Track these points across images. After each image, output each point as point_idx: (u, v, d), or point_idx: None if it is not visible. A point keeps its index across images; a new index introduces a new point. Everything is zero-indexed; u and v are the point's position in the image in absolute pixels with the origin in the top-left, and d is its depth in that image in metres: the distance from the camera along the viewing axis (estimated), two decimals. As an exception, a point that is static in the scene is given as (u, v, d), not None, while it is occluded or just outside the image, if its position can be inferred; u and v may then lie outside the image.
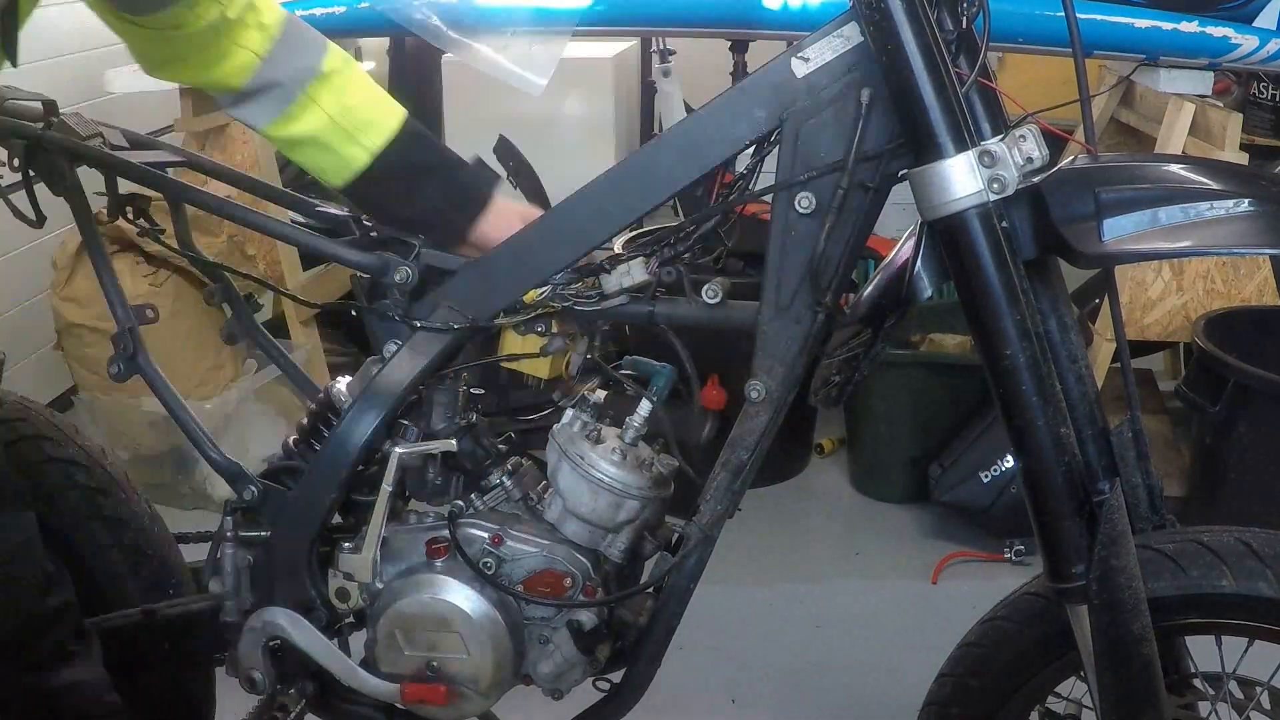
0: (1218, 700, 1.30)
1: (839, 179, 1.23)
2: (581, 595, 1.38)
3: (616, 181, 1.35)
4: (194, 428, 1.50)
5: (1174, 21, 2.58)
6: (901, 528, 2.95)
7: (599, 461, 1.36)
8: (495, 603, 1.39)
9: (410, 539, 1.42)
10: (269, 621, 1.44)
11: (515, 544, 1.39)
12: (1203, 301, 2.76)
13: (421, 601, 1.39)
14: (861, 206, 1.25)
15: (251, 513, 1.48)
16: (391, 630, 1.40)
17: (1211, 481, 2.66)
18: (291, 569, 1.45)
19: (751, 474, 1.36)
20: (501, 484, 1.43)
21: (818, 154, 1.25)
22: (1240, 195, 1.13)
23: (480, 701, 1.42)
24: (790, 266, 1.28)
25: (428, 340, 1.39)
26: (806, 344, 1.30)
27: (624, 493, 1.37)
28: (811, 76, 1.24)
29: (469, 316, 1.38)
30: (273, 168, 3.08)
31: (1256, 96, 3.59)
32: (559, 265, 1.36)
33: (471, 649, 1.39)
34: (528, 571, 1.38)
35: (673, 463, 1.42)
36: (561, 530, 1.40)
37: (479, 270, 1.40)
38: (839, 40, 1.23)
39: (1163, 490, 1.28)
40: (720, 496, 1.36)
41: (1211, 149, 2.61)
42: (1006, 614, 1.34)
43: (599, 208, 1.35)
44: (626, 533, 1.40)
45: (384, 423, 1.40)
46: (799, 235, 1.27)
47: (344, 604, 1.44)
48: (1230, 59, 2.60)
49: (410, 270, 1.40)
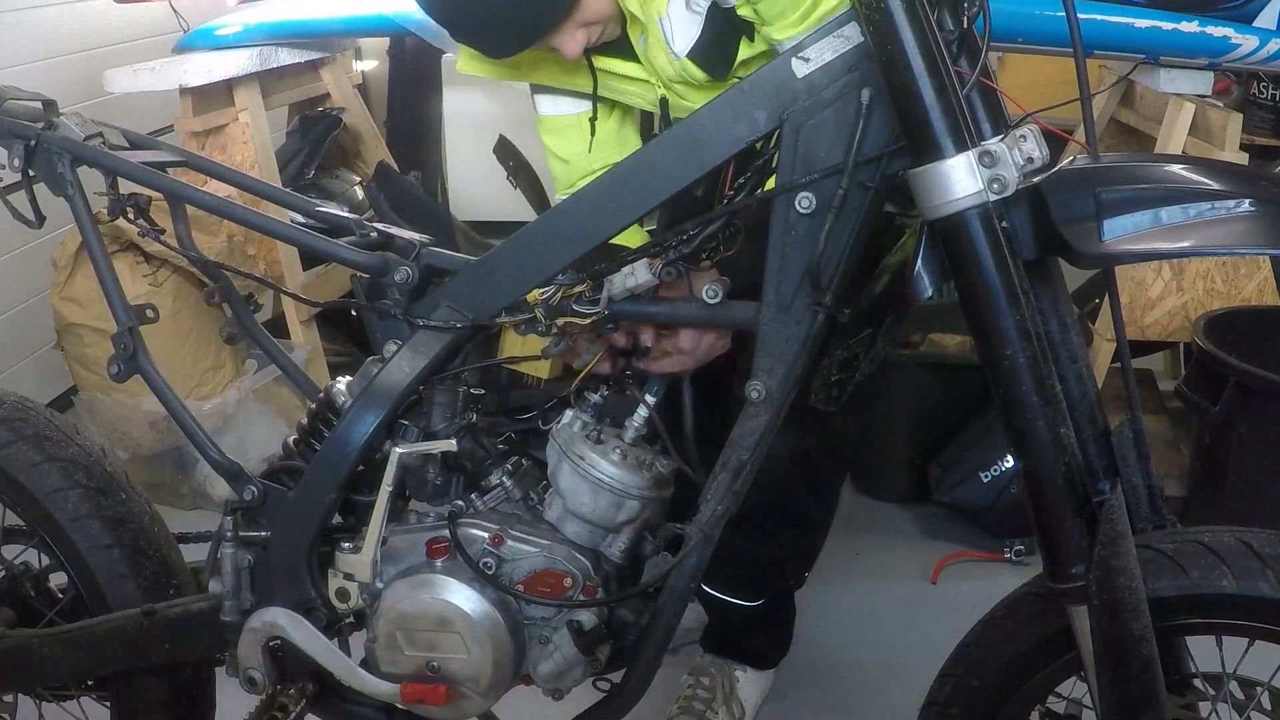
0: (1218, 700, 1.30)
1: (839, 179, 1.22)
2: (581, 595, 1.38)
3: (617, 181, 1.35)
4: (194, 428, 1.50)
5: (1174, 21, 2.57)
6: (901, 528, 2.94)
7: (599, 462, 1.36)
8: (495, 603, 1.38)
9: (410, 539, 1.42)
10: (269, 621, 1.44)
11: (515, 544, 1.39)
12: (1203, 301, 2.75)
13: (422, 601, 1.39)
14: (861, 206, 1.25)
15: (251, 513, 1.48)
16: (392, 630, 1.40)
17: (1211, 481, 2.66)
18: (291, 569, 1.45)
19: (752, 474, 1.36)
20: (502, 484, 1.43)
21: (818, 154, 1.24)
22: (1241, 195, 1.12)
23: (480, 701, 1.42)
24: (790, 266, 1.28)
25: (428, 340, 1.40)
26: (806, 344, 1.30)
27: (624, 493, 1.37)
28: (812, 76, 1.24)
29: (469, 315, 1.38)
30: (273, 168, 3.08)
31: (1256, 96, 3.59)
32: (560, 265, 1.36)
33: (471, 649, 1.39)
34: (528, 571, 1.38)
35: (672, 463, 1.42)
36: (562, 530, 1.40)
37: (480, 269, 1.40)
38: (839, 40, 1.23)
39: (1163, 490, 1.27)
40: (720, 496, 1.36)
41: (1211, 149, 2.61)
42: (1006, 614, 1.34)
43: (599, 207, 1.35)
44: (626, 533, 1.40)
45: (384, 423, 1.40)
46: (799, 235, 1.27)
47: (344, 604, 1.44)
48: (1230, 59, 2.60)
49: (411, 269, 1.40)
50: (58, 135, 1.50)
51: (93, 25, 3.30)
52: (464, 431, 1.43)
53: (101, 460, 1.64)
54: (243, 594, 1.46)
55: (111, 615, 1.56)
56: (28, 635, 1.61)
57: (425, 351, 1.39)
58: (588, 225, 1.35)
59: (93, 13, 3.31)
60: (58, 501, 1.58)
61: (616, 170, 1.36)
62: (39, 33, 3.15)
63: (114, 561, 1.59)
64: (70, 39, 3.23)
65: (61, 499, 1.58)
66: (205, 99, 2.98)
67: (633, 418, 1.40)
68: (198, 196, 1.49)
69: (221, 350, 2.95)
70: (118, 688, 1.64)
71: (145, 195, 1.57)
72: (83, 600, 1.62)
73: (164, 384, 1.49)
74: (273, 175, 3.07)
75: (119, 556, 1.60)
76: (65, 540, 1.59)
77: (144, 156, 1.53)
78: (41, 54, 3.15)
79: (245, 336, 1.61)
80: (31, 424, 1.61)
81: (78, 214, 1.51)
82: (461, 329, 1.39)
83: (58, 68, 3.18)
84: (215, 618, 1.48)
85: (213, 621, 1.49)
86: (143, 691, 1.63)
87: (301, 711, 1.47)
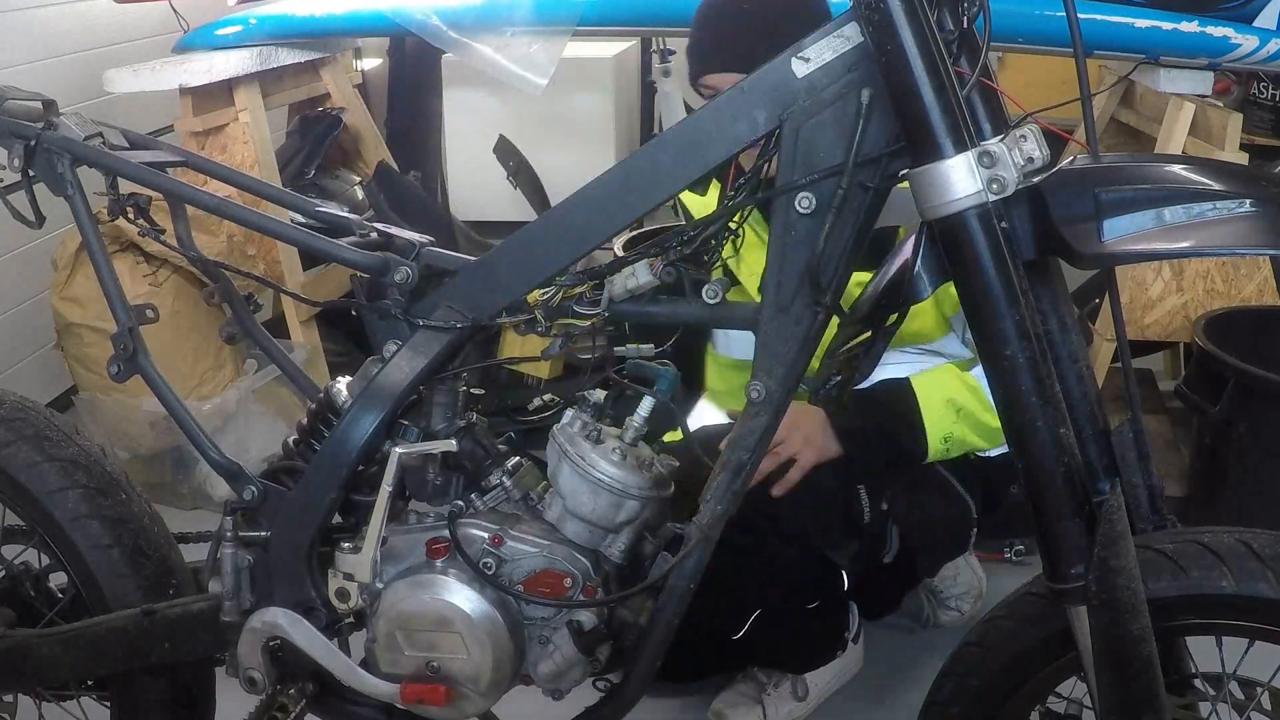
0: (1218, 701, 1.30)
1: (839, 179, 1.22)
2: (581, 595, 1.38)
3: (617, 181, 1.34)
4: (194, 428, 1.50)
5: (1174, 21, 2.57)
6: (901, 528, 2.94)
7: (599, 461, 1.36)
8: (495, 603, 1.38)
9: (410, 539, 1.42)
10: (269, 622, 1.44)
11: (515, 544, 1.38)
12: (1203, 301, 2.75)
13: (421, 601, 1.39)
14: (862, 206, 1.25)
15: (251, 513, 1.47)
16: (391, 630, 1.40)
17: (1211, 481, 2.66)
18: (291, 569, 1.45)
19: (751, 474, 1.36)
20: (501, 484, 1.43)
21: (818, 154, 1.24)
22: (1241, 196, 1.12)
23: (479, 702, 1.41)
24: (790, 266, 1.28)
25: (428, 340, 1.39)
26: (806, 344, 1.30)
27: (624, 493, 1.37)
28: (812, 76, 1.24)
29: (470, 316, 1.38)
30: (273, 168, 3.08)
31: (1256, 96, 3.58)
32: (560, 264, 1.36)
33: (471, 649, 1.38)
34: (528, 572, 1.38)
35: (673, 463, 1.42)
36: (561, 530, 1.40)
37: (480, 270, 1.40)
38: (839, 40, 1.23)
39: (1163, 490, 1.27)
40: (720, 496, 1.35)
41: (1211, 149, 2.61)
42: (1006, 614, 1.34)
43: (600, 207, 1.35)
44: (626, 533, 1.40)
45: (384, 423, 1.40)
46: (799, 235, 1.26)
47: (344, 604, 1.43)
48: (1230, 59, 2.59)
49: (411, 270, 1.40)
50: (58, 135, 1.49)
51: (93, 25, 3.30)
52: (464, 431, 1.43)
53: (101, 460, 1.64)
54: (243, 594, 1.46)
55: (111, 615, 1.56)
56: (28, 635, 1.61)
57: (425, 352, 1.39)
58: (589, 225, 1.35)
59: (93, 13, 3.31)
60: (58, 501, 1.58)
61: (618, 169, 1.35)
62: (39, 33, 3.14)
63: (114, 561, 1.59)
64: (70, 39, 3.23)
65: (61, 499, 1.58)
66: (205, 99, 2.98)
67: (633, 417, 1.40)
68: (198, 196, 1.48)
69: (221, 350, 2.95)
70: (118, 687, 1.64)
71: (145, 195, 1.57)
72: (82, 600, 1.61)
73: (164, 384, 1.48)
74: (273, 175, 3.06)
75: (119, 556, 1.59)
76: (65, 540, 1.58)
77: (144, 156, 1.53)
78: (41, 54, 3.15)
79: (245, 336, 1.61)
80: (31, 424, 1.61)
81: (77, 214, 1.50)
82: (461, 329, 1.38)
83: (58, 68, 3.18)
84: (215, 618, 1.48)
85: (213, 621, 1.48)
86: (143, 691, 1.63)
87: (301, 711, 1.47)
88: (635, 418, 1.40)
